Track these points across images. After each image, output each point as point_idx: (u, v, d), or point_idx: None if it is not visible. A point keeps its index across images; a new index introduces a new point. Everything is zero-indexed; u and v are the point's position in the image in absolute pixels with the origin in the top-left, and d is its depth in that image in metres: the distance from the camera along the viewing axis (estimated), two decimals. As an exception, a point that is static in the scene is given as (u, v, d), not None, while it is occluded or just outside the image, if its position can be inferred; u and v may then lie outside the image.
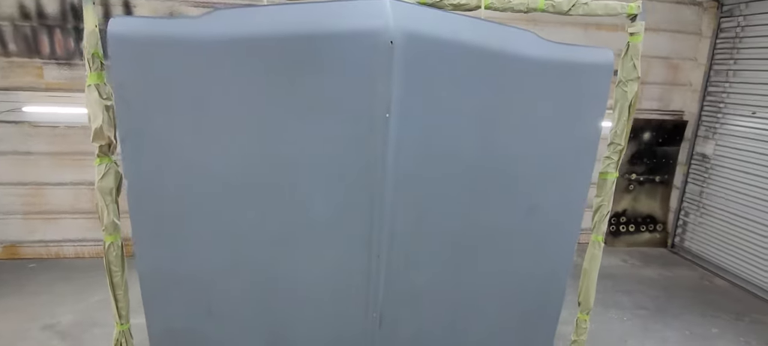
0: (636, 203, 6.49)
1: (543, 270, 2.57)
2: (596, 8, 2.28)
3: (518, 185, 2.33)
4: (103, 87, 1.98)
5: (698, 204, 6.09)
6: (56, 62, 4.86)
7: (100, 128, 1.99)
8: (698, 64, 6.03)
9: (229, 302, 2.29)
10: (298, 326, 2.39)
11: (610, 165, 2.55)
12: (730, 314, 4.74)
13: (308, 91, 1.99)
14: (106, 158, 2.07)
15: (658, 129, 6.21)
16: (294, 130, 2.03)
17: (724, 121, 5.70)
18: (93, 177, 2.13)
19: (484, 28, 2.09)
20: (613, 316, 4.57)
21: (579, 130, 2.35)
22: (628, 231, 6.50)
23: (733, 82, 5.58)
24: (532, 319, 2.67)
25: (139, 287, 2.19)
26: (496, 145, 2.23)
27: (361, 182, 2.11)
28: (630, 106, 2.44)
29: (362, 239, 2.19)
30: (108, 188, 2.09)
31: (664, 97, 6.21)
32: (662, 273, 5.69)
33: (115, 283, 2.22)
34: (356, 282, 2.28)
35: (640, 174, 6.38)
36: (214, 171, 2.05)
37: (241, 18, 1.93)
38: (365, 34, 1.91)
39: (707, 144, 5.94)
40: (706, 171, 5.96)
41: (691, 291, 5.22)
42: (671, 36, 5.93)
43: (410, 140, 2.07)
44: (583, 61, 2.25)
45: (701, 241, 6.04)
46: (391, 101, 1.97)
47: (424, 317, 2.46)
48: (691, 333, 4.33)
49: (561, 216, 2.49)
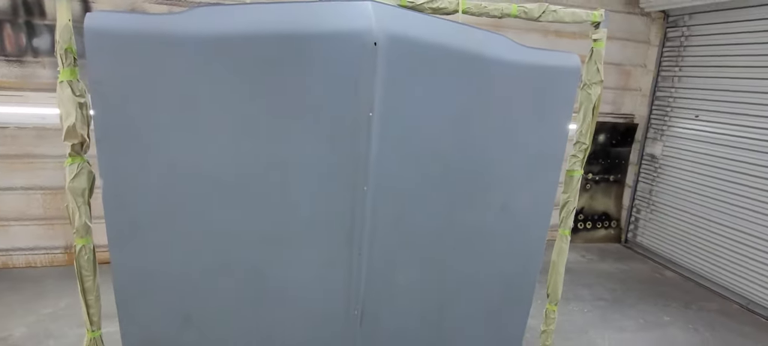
0: (592, 201, 6.85)
1: (516, 265, 2.69)
2: (564, 16, 2.43)
3: (493, 183, 2.44)
4: (76, 84, 1.91)
5: (648, 201, 6.50)
6: (6, 59, 4.57)
7: (73, 126, 1.91)
8: (647, 70, 6.45)
9: (212, 305, 2.25)
10: (279, 325, 2.38)
11: (576, 163, 2.71)
12: (679, 303, 5.10)
13: (292, 90, 2.00)
14: (79, 158, 1.99)
15: (612, 131, 6.59)
16: (277, 129, 2.04)
17: (670, 124, 6.13)
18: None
19: (463, 32, 2.18)
20: (574, 308, 4.81)
21: (549, 131, 2.49)
22: (585, 228, 6.85)
23: (678, 88, 6.01)
24: (506, 311, 2.79)
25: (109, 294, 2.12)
26: (472, 145, 2.32)
27: (343, 181, 2.14)
28: (594, 108, 2.61)
29: (344, 236, 2.22)
30: (80, 188, 2.01)
31: (616, 101, 6.60)
32: (618, 267, 6.03)
33: (86, 288, 2.13)
34: (338, 280, 2.30)
35: (596, 174, 6.75)
36: (196, 171, 2.01)
37: (225, 15, 1.92)
38: (350, 35, 1.94)
39: (656, 145, 6.36)
40: (655, 170, 6.37)
41: (645, 283, 5.57)
42: (623, 44, 6.31)
43: (392, 140, 2.12)
44: (552, 65, 2.38)
45: (652, 236, 6.45)
46: (374, 101, 2.02)
47: (403, 313, 2.51)
48: (646, 322, 4.63)
49: (532, 213, 2.61)
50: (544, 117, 2.47)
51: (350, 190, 2.15)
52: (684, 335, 4.41)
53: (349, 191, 2.15)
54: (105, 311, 2.30)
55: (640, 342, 4.24)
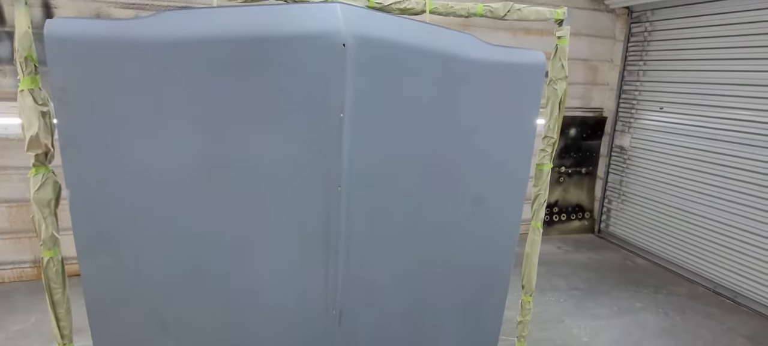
0: (566, 193, 7.02)
1: (490, 258, 2.74)
2: (528, 14, 2.49)
3: (465, 179, 2.48)
4: (38, 92, 1.86)
5: (619, 192, 6.71)
6: (-36, 68, 4.40)
7: (36, 136, 1.87)
8: (614, 65, 6.65)
9: (185, 313, 2.22)
10: (258, 328, 2.37)
11: (545, 157, 2.78)
12: (650, 288, 5.28)
13: (262, 93, 2.00)
14: (43, 168, 1.95)
15: (582, 125, 6.77)
16: (248, 133, 2.03)
17: (637, 116, 6.34)
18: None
19: (431, 32, 2.21)
20: (550, 298, 4.93)
21: (517, 126, 2.55)
22: (560, 220, 7.01)
23: (643, 81, 6.22)
24: (483, 304, 2.84)
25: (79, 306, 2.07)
26: (443, 142, 2.36)
27: (317, 182, 2.15)
28: (560, 102, 2.69)
29: (319, 238, 2.23)
30: (46, 199, 1.96)
31: (586, 95, 6.78)
32: (592, 257, 6.20)
33: (55, 301, 2.08)
34: (315, 281, 2.31)
35: (569, 167, 6.92)
36: (164, 177, 1.99)
37: (191, 20, 1.90)
38: (318, 37, 1.96)
39: (624, 137, 6.56)
40: (625, 162, 6.58)
41: (617, 271, 5.75)
42: (590, 40, 6.50)
43: (364, 140, 2.15)
44: (518, 62, 2.44)
45: (623, 225, 6.66)
46: (344, 102, 2.03)
47: (382, 311, 2.54)
48: (619, 308, 4.78)
49: (504, 206, 2.67)
50: (513, 113, 2.53)
51: (324, 191, 2.16)
52: (655, 319, 4.58)
53: (323, 192, 2.16)
54: (76, 324, 2.25)
55: (613, 328, 4.38)
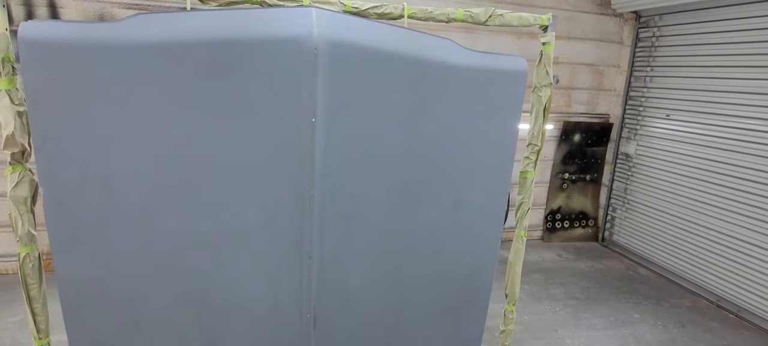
0: (569, 200, 6.91)
1: (470, 264, 2.71)
2: (511, 20, 2.46)
3: (443, 184, 2.46)
4: (14, 92, 1.91)
5: (624, 200, 6.58)
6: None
7: (12, 135, 1.91)
8: (621, 70, 6.53)
9: (158, 313, 2.25)
10: (232, 332, 2.38)
11: (529, 164, 2.74)
12: (651, 300, 5.16)
13: (235, 97, 2.01)
14: (20, 166, 2.00)
15: (587, 131, 6.66)
16: (221, 136, 2.05)
17: (643, 123, 6.21)
18: (6, 187, 2.04)
19: (406, 36, 2.20)
20: (546, 307, 4.85)
21: (497, 132, 2.52)
22: (563, 227, 6.91)
23: (650, 88, 6.09)
24: (462, 310, 2.81)
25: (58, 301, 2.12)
26: (420, 146, 2.34)
27: (290, 186, 2.15)
28: (545, 109, 2.64)
29: (293, 241, 2.23)
30: (22, 197, 2.01)
31: (591, 101, 6.67)
32: (593, 265, 6.09)
33: (32, 296, 2.13)
34: (289, 285, 2.31)
35: (572, 173, 6.81)
36: (137, 178, 2.02)
37: (165, 23, 1.93)
38: (290, 41, 1.96)
39: (630, 144, 6.44)
40: (630, 169, 6.45)
41: (618, 281, 5.63)
42: (596, 44, 6.39)
43: (337, 143, 2.14)
44: (499, 68, 2.41)
45: (627, 234, 6.52)
46: (316, 106, 2.03)
47: (357, 315, 2.53)
48: (616, 319, 4.68)
49: (484, 212, 2.64)
50: (493, 119, 2.50)
51: (297, 195, 2.16)
52: (652, 332, 4.47)
53: (295, 196, 2.17)
54: (55, 319, 2.29)
55: (607, 340, 4.29)
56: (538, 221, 6.88)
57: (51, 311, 2.26)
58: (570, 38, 6.17)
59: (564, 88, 6.41)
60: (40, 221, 2.01)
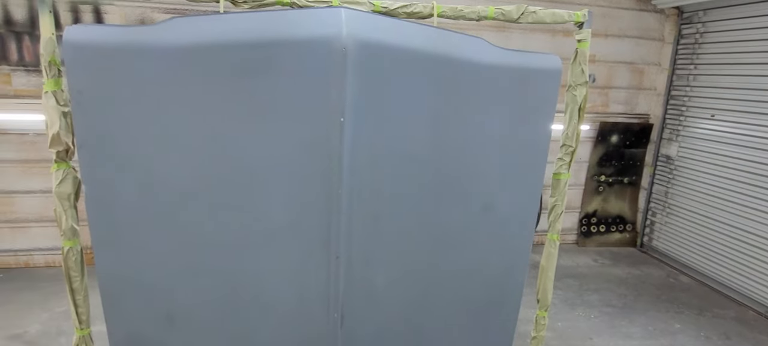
0: (606, 203, 6.67)
1: (499, 267, 2.66)
2: (544, 16, 2.39)
3: (472, 184, 2.42)
4: (60, 94, 2.01)
5: (664, 204, 6.29)
6: (25, 69, 4.81)
7: (58, 134, 2.01)
8: (662, 69, 6.25)
9: (191, 309, 2.31)
10: (261, 329, 2.42)
11: (563, 166, 2.66)
12: (693, 309, 4.91)
13: (265, 97, 2.04)
14: (64, 164, 2.09)
15: (626, 132, 6.41)
16: (252, 136, 2.08)
17: (686, 124, 5.92)
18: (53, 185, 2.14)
19: (436, 36, 2.18)
20: (580, 314, 4.70)
21: (530, 133, 2.45)
22: (598, 232, 6.68)
23: (693, 86, 5.80)
24: (492, 314, 2.76)
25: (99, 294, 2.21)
26: (449, 146, 2.31)
27: (318, 186, 2.17)
28: (580, 109, 2.56)
29: (321, 240, 2.24)
30: (66, 193, 2.11)
31: (630, 100, 6.42)
32: (631, 272, 5.85)
33: (74, 288, 2.23)
34: (316, 283, 2.33)
35: (609, 176, 6.57)
36: (172, 177, 2.08)
37: (199, 26, 1.98)
38: (319, 41, 1.97)
39: (671, 146, 6.15)
40: (671, 172, 6.17)
41: (658, 289, 5.39)
42: (635, 42, 6.14)
43: (365, 143, 2.14)
44: (531, 67, 2.35)
45: (667, 240, 6.24)
46: (345, 106, 2.04)
47: (384, 315, 2.52)
48: (655, 329, 4.48)
49: (515, 214, 2.58)
50: (525, 119, 2.44)
51: (325, 194, 2.17)
52: (694, 344, 4.25)
53: (323, 195, 2.18)
54: (96, 311, 2.39)
55: (646, 350, 4.12)
56: (572, 225, 6.68)
57: (92, 303, 2.36)
58: (607, 35, 5.96)
59: (601, 87, 6.20)
60: (82, 217, 2.10)
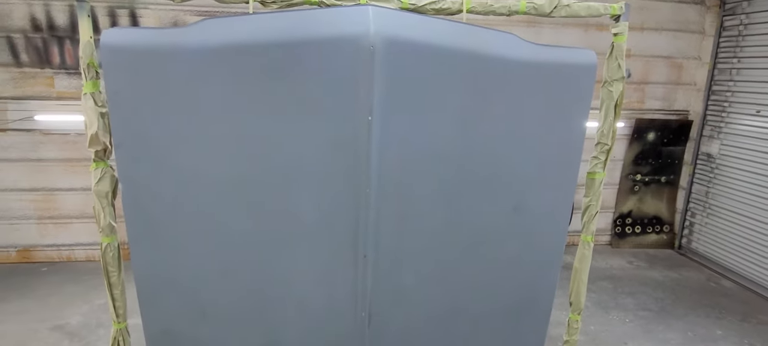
0: (641, 203, 6.44)
1: (531, 268, 2.59)
2: (579, 10, 2.31)
3: (503, 184, 2.37)
4: (98, 95, 2.08)
5: (704, 204, 6.01)
6: (66, 72, 5.03)
7: (96, 134, 2.08)
8: (702, 63, 5.97)
9: (222, 305, 2.35)
10: (290, 327, 2.44)
11: (598, 165, 2.57)
12: (736, 315, 4.68)
13: (294, 97, 2.05)
14: (102, 163, 2.16)
15: (663, 129, 6.16)
16: (281, 135, 2.10)
17: (728, 121, 5.63)
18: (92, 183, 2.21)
19: (465, 32, 2.13)
20: (614, 318, 4.55)
21: (563, 130, 2.38)
22: (633, 232, 6.45)
23: (737, 81, 5.52)
24: (522, 316, 2.69)
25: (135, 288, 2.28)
26: (479, 145, 2.27)
27: (346, 185, 2.16)
28: (616, 105, 2.46)
29: (348, 240, 2.24)
30: (104, 191, 2.18)
31: (668, 96, 6.16)
32: (668, 275, 5.63)
33: (112, 283, 2.31)
34: (344, 282, 2.33)
35: (645, 175, 6.33)
36: (204, 176, 2.12)
37: (228, 27, 2.00)
38: (347, 40, 1.97)
39: (712, 144, 5.87)
40: (712, 171, 5.89)
41: (697, 293, 5.16)
42: (674, 35, 5.89)
43: (393, 142, 2.12)
44: (565, 62, 2.28)
45: (708, 242, 5.96)
46: (373, 105, 2.02)
47: (412, 315, 2.50)
48: (695, 335, 4.29)
49: (548, 215, 2.51)
50: (559, 116, 2.36)
51: (353, 194, 2.17)
52: (738, 351, 4.05)
53: (351, 194, 2.17)
54: (133, 305, 2.47)
55: (684, 356, 3.94)
56: (605, 225, 6.47)
57: (129, 297, 2.44)
58: (644, 29, 5.73)
59: (637, 83, 5.97)
60: (119, 214, 2.17)
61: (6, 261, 5.44)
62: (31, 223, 5.39)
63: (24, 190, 5.28)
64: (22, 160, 5.18)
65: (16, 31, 4.84)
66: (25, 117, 5.02)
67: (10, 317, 4.28)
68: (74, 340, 3.97)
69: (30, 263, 5.46)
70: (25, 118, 5.03)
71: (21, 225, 5.38)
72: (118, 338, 2.38)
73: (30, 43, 4.90)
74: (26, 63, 4.93)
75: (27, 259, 5.47)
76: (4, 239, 5.39)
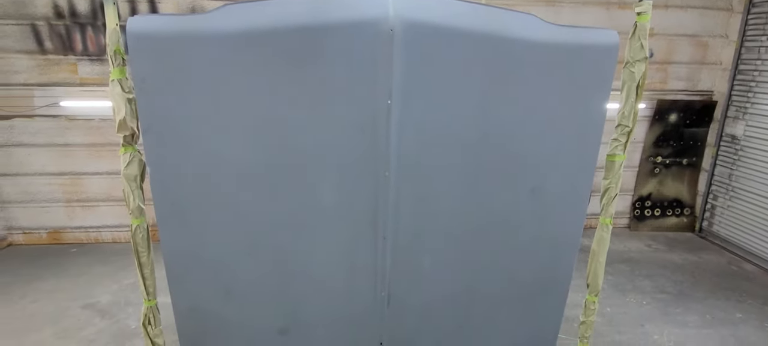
0: (662, 186, 6.34)
1: (550, 250, 2.60)
2: (600, -11, 2.27)
3: (521, 166, 2.37)
4: (125, 81, 2.13)
5: (727, 187, 5.90)
6: (89, 59, 5.14)
7: (124, 120, 2.14)
8: (729, 41, 5.79)
9: (247, 284, 2.43)
10: (311, 306, 2.52)
11: (618, 147, 2.54)
12: (758, 299, 4.62)
13: (314, 80, 2.08)
14: (130, 147, 2.24)
15: (686, 110, 6.02)
16: (301, 119, 2.14)
17: (755, 101, 5.48)
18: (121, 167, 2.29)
19: (484, 13, 2.12)
20: (631, 300, 4.54)
21: (583, 113, 2.36)
22: (653, 215, 6.38)
23: (765, 60, 5.35)
24: (540, 297, 2.72)
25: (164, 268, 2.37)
26: (498, 127, 2.27)
27: (366, 167, 2.20)
28: (638, 86, 2.43)
29: (368, 221, 2.29)
30: (133, 175, 2.25)
31: (692, 76, 6.01)
32: (688, 258, 5.57)
33: (142, 262, 2.40)
34: (364, 263, 2.38)
35: (666, 157, 6.22)
36: (228, 159, 2.18)
37: (250, 12, 2.03)
38: (366, 23, 1.98)
39: (737, 125, 5.73)
40: (736, 153, 5.75)
41: (718, 276, 5.11)
42: (700, 13, 5.71)
43: (412, 125, 2.14)
44: (586, 43, 2.25)
45: (730, 225, 5.86)
46: (392, 88, 2.05)
47: (430, 295, 2.55)
48: (714, 318, 4.26)
49: (566, 197, 2.51)
50: (579, 98, 2.34)
51: (372, 176, 2.21)
52: (758, 335, 4.01)
53: (371, 177, 2.21)
54: (161, 284, 2.57)
55: (703, 339, 3.92)
56: (623, 208, 6.41)
57: (158, 276, 2.54)
58: (668, 6, 5.57)
59: (659, 62, 5.83)
60: (148, 196, 2.24)
61: (38, 242, 5.66)
62: (59, 206, 5.59)
63: (52, 174, 5.46)
64: (49, 146, 5.34)
65: (40, 18, 4.95)
66: (51, 103, 5.17)
67: (45, 295, 4.48)
68: (105, 317, 4.14)
69: (60, 244, 5.67)
70: (51, 105, 5.17)
71: (50, 208, 5.58)
72: (148, 315, 2.48)
73: (53, 31, 5.01)
74: (50, 50, 5.05)
75: (57, 240, 5.69)
76: (35, 221, 5.60)
